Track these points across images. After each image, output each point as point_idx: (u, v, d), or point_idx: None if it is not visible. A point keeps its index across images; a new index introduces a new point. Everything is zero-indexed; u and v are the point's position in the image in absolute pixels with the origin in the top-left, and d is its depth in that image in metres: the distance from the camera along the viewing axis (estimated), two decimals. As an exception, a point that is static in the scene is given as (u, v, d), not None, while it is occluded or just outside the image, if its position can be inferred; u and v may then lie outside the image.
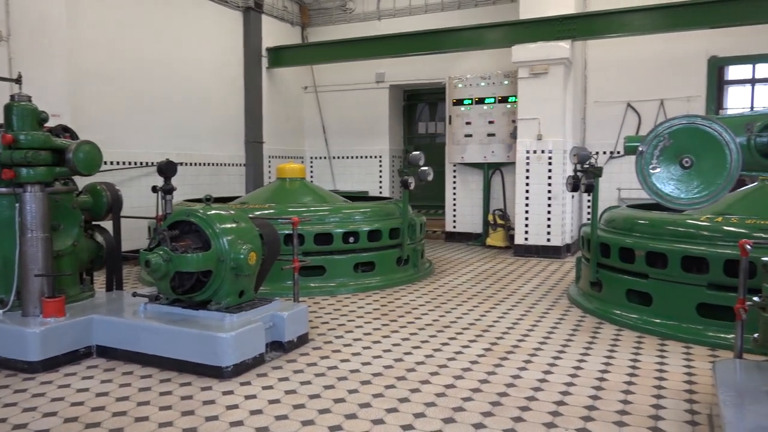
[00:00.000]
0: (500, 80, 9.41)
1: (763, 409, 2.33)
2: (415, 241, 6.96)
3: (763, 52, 8.29)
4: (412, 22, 10.31)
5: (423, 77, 10.52)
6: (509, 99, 9.29)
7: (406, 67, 10.53)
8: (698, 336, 4.29)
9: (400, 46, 9.43)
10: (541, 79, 8.26)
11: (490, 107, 9.51)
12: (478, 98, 9.59)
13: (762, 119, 2.36)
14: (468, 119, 9.67)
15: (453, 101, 9.81)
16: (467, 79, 9.67)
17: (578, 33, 8.09)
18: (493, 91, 9.48)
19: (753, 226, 4.25)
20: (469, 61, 9.96)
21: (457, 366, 3.82)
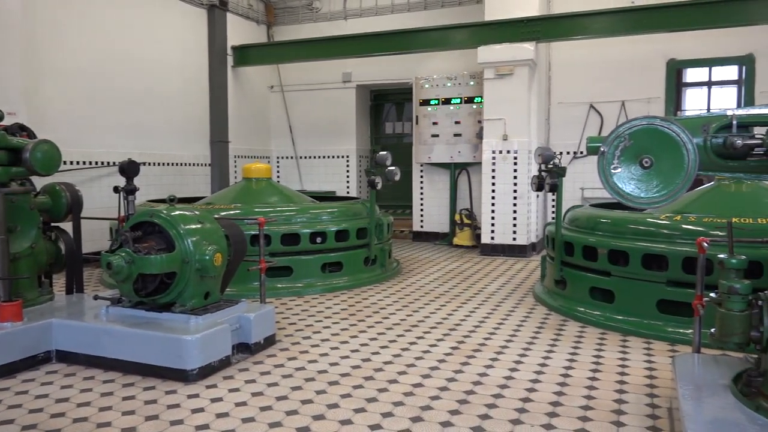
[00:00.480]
0: (466, 81, 9.49)
1: (720, 402, 2.40)
2: (383, 240, 6.97)
3: (718, 56, 8.55)
4: (379, 22, 10.32)
5: (390, 77, 10.54)
6: (475, 99, 9.38)
7: (372, 67, 10.54)
8: (658, 332, 4.40)
9: (367, 46, 9.43)
10: (507, 80, 8.36)
11: (457, 108, 9.58)
12: (445, 98, 9.66)
13: (717, 121, 2.43)
14: (435, 119, 9.73)
15: (420, 101, 9.86)
16: (434, 80, 9.73)
17: (542, 35, 8.21)
18: (460, 91, 9.56)
19: (710, 225, 4.38)
20: (436, 62, 10.02)
21: (424, 365, 3.84)
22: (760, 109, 2.49)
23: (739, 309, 2.44)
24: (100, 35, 7.87)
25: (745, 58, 8.40)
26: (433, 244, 9.92)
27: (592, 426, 2.91)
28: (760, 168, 2.44)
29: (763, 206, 4.65)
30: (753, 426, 2.18)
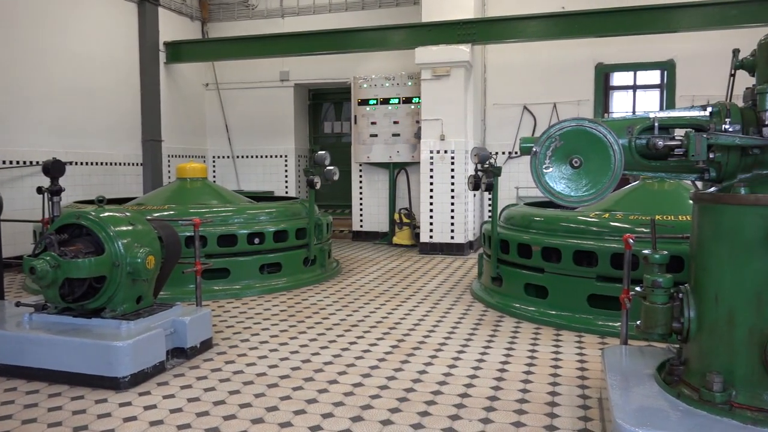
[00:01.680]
0: (404, 81, 9.57)
1: (645, 391, 2.52)
2: (322, 240, 6.93)
3: (642, 61, 8.98)
4: (316, 21, 10.27)
5: (328, 77, 10.50)
6: (413, 100, 9.47)
7: (311, 66, 10.47)
8: (589, 325, 4.57)
9: (305, 44, 9.36)
10: (444, 81, 8.49)
11: (395, 107, 9.65)
12: (383, 98, 9.70)
13: (641, 123, 2.54)
14: (373, 119, 9.76)
15: (358, 101, 9.86)
16: (372, 80, 9.76)
17: (478, 37, 8.38)
18: (398, 91, 9.63)
19: (635, 222, 4.59)
20: (374, 62, 10.06)
21: (364, 364, 3.85)
22: (679, 112, 2.62)
23: (661, 302, 2.57)
24: (22, 28, 7.46)
25: (666, 63, 8.86)
26: (373, 243, 9.96)
27: (527, 418, 3.00)
28: (680, 168, 2.57)
29: (684, 204, 4.91)
30: (675, 412, 2.30)
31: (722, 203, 2.41)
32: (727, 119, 2.38)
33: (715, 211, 2.45)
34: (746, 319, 2.30)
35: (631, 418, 2.23)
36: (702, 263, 2.50)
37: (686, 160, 2.42)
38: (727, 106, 2.42)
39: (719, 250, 2.40)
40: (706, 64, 8.17)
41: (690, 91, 8.53)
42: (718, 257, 2.41)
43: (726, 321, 2.36)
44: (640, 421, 2.20)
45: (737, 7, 7.32)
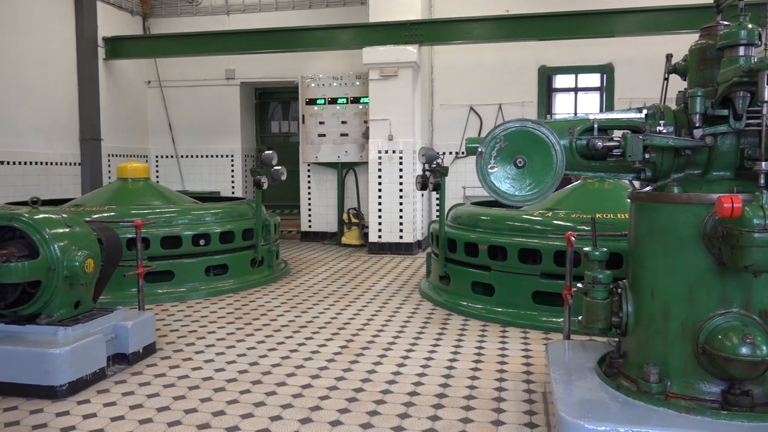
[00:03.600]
0: (352, 81, 9.56)
1: (587, 384, 2.60)
2: (270, 241, 6.85)
3: (583, 64, 9.27)
4: (263, 19, 10.12)
5: (275, 75, 10.38)
6: (361, 100, 9.47)
7: (257, 64, 10.32)
8: (534, 321, 4.68)
9: (251, 43, 9.21)
10: (391, 81, 8.52)
11: (343, 107, 9.62)
12: (331, 98, 9.66)
13: (581, 124, 2.62)
14: (321, 119, 9.71)
15: (306, 100, 9.79)
16: (320, 79, 9.70)
17: (425, 38, 8.45)
18: (346, 91, 9.61)
19: (577, 220, 4.73)
20: (322, 61, 10.01)
21: (313, 365, 3.82)
22: (617, 114, 2.71)
23: (602, 297, 2.66)
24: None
25: (605, 66, 9.17)
26: (322, 243, 9.91)
27: (474, 414, 3.05)
28: (618, 168, 2.67)
29: (623, 203, 5.09)
30: (615, 403, 2.39)
31: (657, 202, 2.51)
32: (661, 121, 2.48)
33: (650, 209, 2.55)
34: (680, 312, 2.40)
35: (574, 411, 2.29)
36: (639, 260, 2.60)
37: (624, 161, 2.51)
38: (661, 108, 2.52)
39: (654, 246, 2.50)
40: (642, 68, 8.49)
41: (628, 93, 8.86)
42: (653, 254, 2.50)
43: (661, 315, 2.46)
44: (582, 414, 2.27)
45: (671, 14, 7.65)
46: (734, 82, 2.27)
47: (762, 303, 2.30)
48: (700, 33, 2.65)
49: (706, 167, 2.51)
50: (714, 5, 2.69)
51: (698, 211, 2.34)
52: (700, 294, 2.35)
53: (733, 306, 2.31)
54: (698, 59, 2.59)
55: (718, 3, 2.68)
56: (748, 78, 2.22)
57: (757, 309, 2.30)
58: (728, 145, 2.43)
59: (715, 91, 2.41)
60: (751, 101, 2.31)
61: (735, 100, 2.32)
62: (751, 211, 2.03)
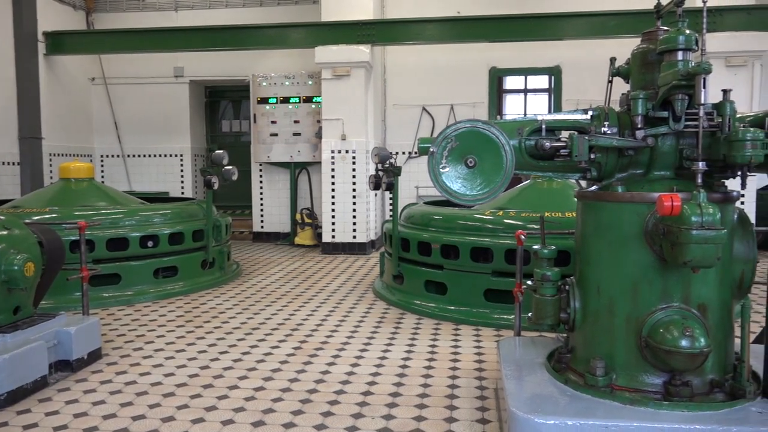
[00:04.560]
0: (304, 80, 9.48)
1: (537, 379, 2.66)
2: (221, 242, 6.73)
3: (533, 66, 9.48)
4: (212, 16, 9.92)
5: (225, 74, 10.20)
6: (314, 99, 9.41)
7: (207, 62, 10.11)
8: (486, 319, 4.76)
9: (200, 40, 9.01)
10: (344, 81, 8.50)
11: (296, 107, 9.54)
12: (283, 97, 9.56)
13: (529, 125, 2.68)
14: (273, 118, 9.60)
15: (258, 99, 9.66)
16: (272, 78, 9.59)
17: (377, 38, 8.47)
18: (298, 90, 9.53)
19: (527, 219, 4.83)
20: (274, 60, 9.89)
21: (266, 368, 3.78)
22: (564, 115, 2.78)
23: (550, 294, 2.72)
24: None
25: (554, 69, 9.40)
26: (275, 244, 9.80)
27: (427, 412, 3.07)
28: (565, 167, 2.74)
29: (570, 202, 5.22)
30: (563, 397, 2.45)
31: (602, 201, 2.59)
32: (605, 122, 2.55)
33: (596, 208, 2.63)
34: (624, 308, 2.48)
35: (524, 406, 2.34)
36: (585, 257, 2.67)
37: (570, 160, 2.58)
38: (606, 110, 2.60)
39: (600, 244, 2.58)
40: (588, 70, 8.74)
41: (575, 95, 9.11)
42: (599, 251, 2.58)
43: (607, 310, 2.53)
44: (532, 408, 2.32)
45: (615, 19, 7.90)
46: (673, 85, 2.36)
47: (700, 297, 2.41)
48: (641, 38, 2.74)
49: (648, 167, 2.60)
50: (654, 11, 2.79)
51: (641, 210, 2.43)
52: (642, 289, 2.44)
53: (674, 300, 2.41)
54: (640, 63, 2.68)
55: (658, 9, 2.78)
56: (686, 81, 2.31)
57: (696, 303, 2.40)
58: (668, 146, 2.53)
59: (656, 94, 2.50)
60: (689, 104, 2.41)
61: (674, 103, 2.41)
62: (690, 210, 2.12)
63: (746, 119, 2.48)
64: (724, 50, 7.57)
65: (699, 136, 2.35)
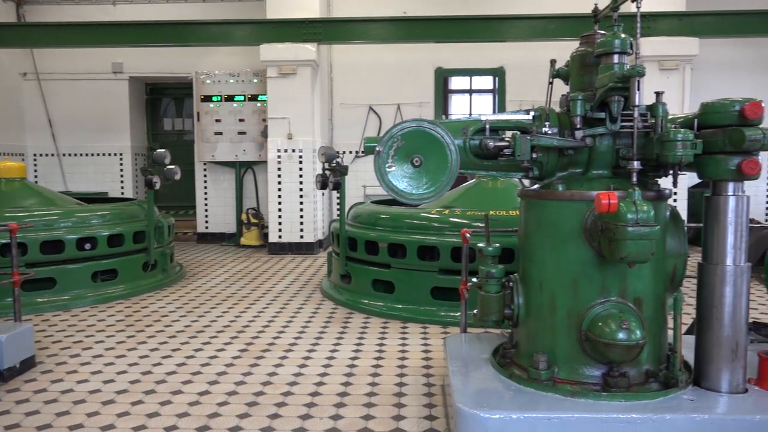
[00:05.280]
0: (249, 78, 9.34)
1: (482, 374, 2.70)
2: (163, 244, 6.54)
3: (477, 67, 9.64)
4: (153, 11, 9.65)
5: (167, 70, 9.93)
6: (259, 97, 9.28)
7: (147, 58, 9.81)
8: (433, 316, 4.81)
9: (140, 35, 8.71)
10: (290, 79, 8.42)
11: (240, 105, 9.38)
12: (228, 95, 9.39)
13: (474, 125, 2.72)
14: (218, 116, 9.41)
15: (201, 97, 9.44)
16: (215, 75, 9.40)
17: (323, 37, 8.42)
18: (243, 88, 9.37)
19: (472, 217, 4.91)
20: (217, 57, 9.70)
21: (211, 371, 3.70)
22: (508, 116, 2.84)
23: (495, 291, 2.77)
24: None
25: (498, 70, 9.59)
26: (220, 245, 9.61)
27: (375, 411, 3.08)
28: (509, 167, 2.79)
29: (514, 200, 5.34)
30: (508, 392, 2.50)
31: (544, 199, 2.66)
32: (546, 123, 2.62)
33: (538, 206, 2.69)
34: (565, 303, 2.55)
35: (470, 401, 2.37)
36: (528, 254, 2.73)
37: (513, 160, 2.63)
38: (547, 110, 2.67)
39: (542, 241, 2.64)
40: (530, 72, 8.95)
41: (518, 96, 9.31)
42: (541, 248, 2.65)
43: (548, 305, 2.60)
44: (478, 403, 2.35)
45: (556, 22, 8.11)
46: (610, 87, 2.44)
47: (636, 291, 2.50)
48: (580, 41, 2.83)
49: (587, 166, 2.68)
50: (592, 15, 2.88)
51: (580, 207, 2.50)
52: (582, 285, 2.51)
53: (612, 295, 2.49)
54: (579, 65, 2.77)
55: (595, 13, 2.88)
56: (622, 84, 2.40)
57: (632, 297, 2.50)
58: (605, 146, 2.61)
59: (593, 96, 2.58)
60: (624, 105, 2.50)
61: (611, 104, 2.50)
62: (626, 207, 2.20)
63: (677, 120, 2.59)
64: (657, 54, 7.90)
65: (634, 137, 2.44)
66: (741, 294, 2.43)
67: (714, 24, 8.07)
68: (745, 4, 8.68)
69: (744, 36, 8.53)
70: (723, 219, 2.43)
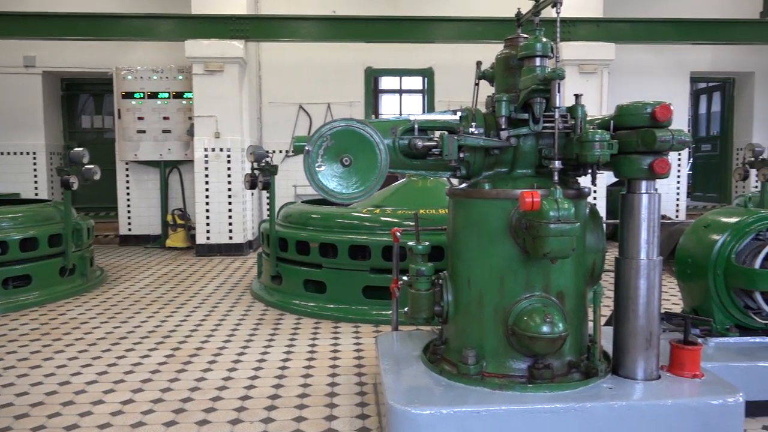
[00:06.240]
0: (174, 75, 9.04)
1: (414, 372, 2.73)
2: (82, 247, 6.23)
3: (407, 67, 9.74)
4: (69, 2, 9.14)
5: (85, 65, 9.45)
6: (185, 95, 9.00)
7: (63, 52, 9.29)
8: (365, 315, 4.82)
9: (55, 28, 8.24)
10: (217, 76, 8.22)
11: (165, 102, 9.07)
12: (151, 92, 9.05)
13: (403, 125, 2.75)
14: (140, 114, 9.05)
15: (122, 94, 9.05)
16: (138, 71, 9.04)
17: (251, 34, 8.27)
18: (168, 85, 9.06)
19: (402, 216, 4.96)
20: (140, 52, 9.32)
21: (135, 379, 3.56)
22: (435, 116, 2.88)
23: (425, 289, 2.81)
24: None
25: (427, 70, 9.73)
26: (144, 247, 9.26)
27: (307, 412, 3.05)
28: (437, 166, 2.84)
29: (443, 199, 5.42)
30: (438, 387, 2.54)
31: (471, 198, 2.72)
32: (473, 123, 2.68)
33: (465, 204, 2.75)
34: (492, 299, 2.62)
35: (401, 398, 2.39)
36: (457, 251, 2.78)
37: (441, 159, 2.67)
38: (473, 111, 2.73)
39: (470, 239, 2.70)
40: (458, 73, 9.10)
41: (447, 96, 9.49)
42: (469, 246, 2.70)
43: (477, 302, 2.66)
44: (409, 400, 2.38)
45: (482, 25, 8.32)
46: (532, 89, 2.52)
47: (558, 286, 2.60)
48: (504, 44, 2.91)
49: (512, 165, 2.76)
50: (515, 19, 2.97)
51: (506, 206, 2.57)
52: (508, 281, 2.59)
53: (536, 290, 2.58)
54: (503, 67, 2.84)
55: (518, 17, 2.97)
56: (544, 86, 2.49)
57: (555, 291, 2.59)
58: (529, 146, 2.70)
59: (517, 97, 2.66)
60: (546, 107, 2.59)
61: (533, 106, 2.58)
62: (548, 205, 2.28)
63: (595, 122, 2.71)
64: (577, 58, 8.25)
65: (555, 137, 2.53)
66: (654, 286, 2.57)
67: (629, 31, 8.52)
68: (657, 13, 9.22)
69: (656, 42, 9.05)
70: (637, 216, 2.56)
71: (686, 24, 8.63)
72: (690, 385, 2.53)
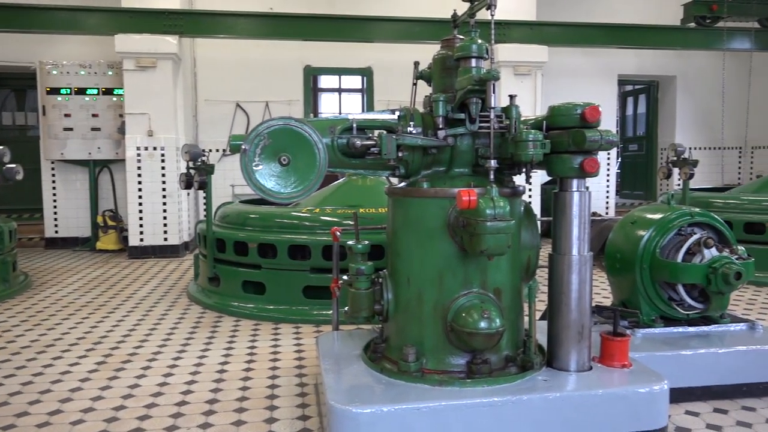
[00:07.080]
0: (104, 70, 8.68)
1: (354, 370, 2.74)
2: (4, 251, 5.90)
3: (346, 66, 9.72)
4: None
5: (5, 59, 8.93)
6: (115, 91, 8.65)
7: (-20, 44, 8.78)
8: (305, 316, 4.78)
9: (-29, 18, 7.79)
10: (149, 72, 7.95)
11: (93, 99, 8.69)
12: (79, 88, 8.65)
13: (341, 124, 2.74)
14: (67, 111, 8.64)
15: (47, 90, 8.61)
16: (64, 66, 8.62)
17: (185, 30, 8.05)
18: (96, 81, 8.69)
19: (342, 215, 4.95)
20: (66, 46, 8.90)
21: (63, 388, 3.40)
22: (374, 115, 2.89)
23: (365, 287, 2.81)
24: None
25: (366, 70, 9.74)
26: (72, 250, 8.84)
27: (247, 415, 3.00)
28: (376, 165, 2.84)
29: (382, 198, 5.45)
30: (379, 385, 2.55)
31: (409, 196, 2.74)
32: (411, 122, 2.70)
33: (404, 203, 2.77)
34: (431, 296, 2.65)
35: (342, 398, 2.39)
36: (396, 250, 2.80)
37: (380, 158, 2.69)
38: (411, 111, 2.75)
39: (409, 237, 2.72)
40: (397, 73, 9.16)
41: (386, 96, 9.53)
42: (408, 244, 2.73)
43: (416, 299, 2.69)
44: (350, 399, 2.38)
45: (420, 25, 8.41)
46: (468, 90, 2.57)
47: (495, 282, 2.66)
48: (441, 44, 2.95)
49: (449, 164, 2.80)
50: (452, 21, 3.02)
51: (443, 204, 2.61)
52: (447, 278, 2.63)
53: (474, 286, 2.63)
54: (440, 68, 2.88)
55: (454, 19, 3.02)
56: (479, 87, 2.54)
57: (492, 287, 2.65)
58: (466, 145, 2.75)
59: (454, 97, 2.71)
60: (482, 107, 2.64)
61: (470, 106, 2.63)
62: (484, 203, 2.33)
63: (529, 122, 2.79)
64: (511, 60, 8.45)
65: (491, 137, 2.59)
66: (585, 281, 2.67)
67: (561, 34, 8.82)
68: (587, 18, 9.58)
69: (586, 46, 9.40)
70: (569, 213, 2.65)
71: (614, 29, 9.02)
72: (619, 374, 2.64)
